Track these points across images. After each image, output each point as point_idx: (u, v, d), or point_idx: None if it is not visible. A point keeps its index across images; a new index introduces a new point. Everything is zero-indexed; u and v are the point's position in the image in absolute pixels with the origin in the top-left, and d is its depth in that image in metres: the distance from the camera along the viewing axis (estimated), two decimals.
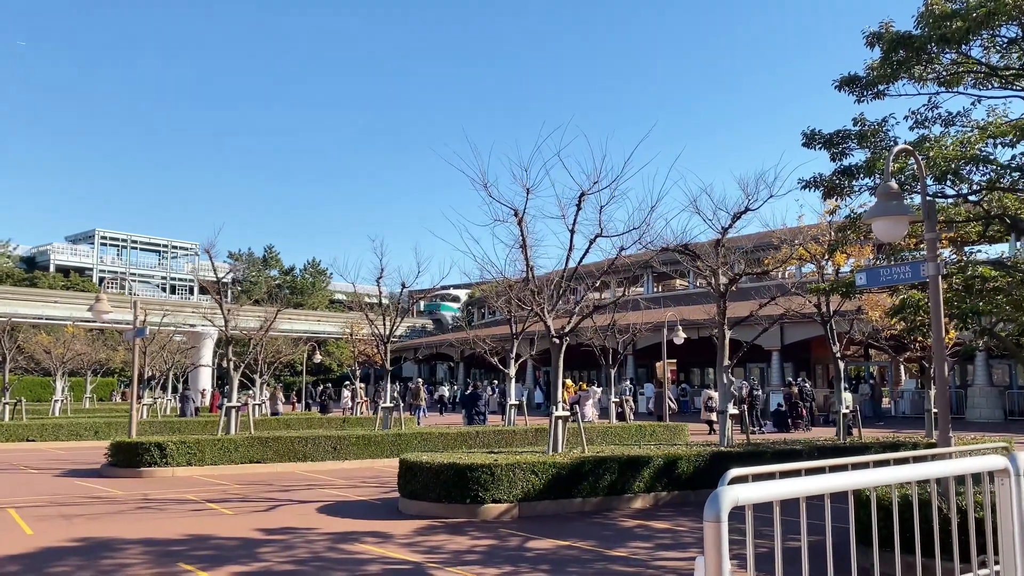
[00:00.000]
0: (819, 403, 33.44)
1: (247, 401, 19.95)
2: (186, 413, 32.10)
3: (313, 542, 9.49)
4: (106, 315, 16.56)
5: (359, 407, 34.47)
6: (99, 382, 45.92)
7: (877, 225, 7.76)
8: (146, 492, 13.77)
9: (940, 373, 8.31)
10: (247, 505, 12.33)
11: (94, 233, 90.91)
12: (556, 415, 13.05)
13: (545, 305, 13.63)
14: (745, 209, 14.35)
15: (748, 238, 22.67)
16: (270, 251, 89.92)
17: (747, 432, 17.33)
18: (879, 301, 15.95)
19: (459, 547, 9.29)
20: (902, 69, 10.02)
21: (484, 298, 56.27)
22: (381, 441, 18.61)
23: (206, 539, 9.64)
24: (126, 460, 16.13)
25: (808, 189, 10.95)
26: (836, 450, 14.51)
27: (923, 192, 8.26)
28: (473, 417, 24.47)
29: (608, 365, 24.87)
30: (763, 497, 3.61)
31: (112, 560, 8.54)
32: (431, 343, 60.42)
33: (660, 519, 11.24)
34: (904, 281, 8.92)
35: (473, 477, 11.23)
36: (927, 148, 9.78)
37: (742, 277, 16.12)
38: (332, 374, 62.84)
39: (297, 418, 30.78)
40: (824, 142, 10.86)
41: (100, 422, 25.58)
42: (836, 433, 17.29)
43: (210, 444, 16.63)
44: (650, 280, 48.20)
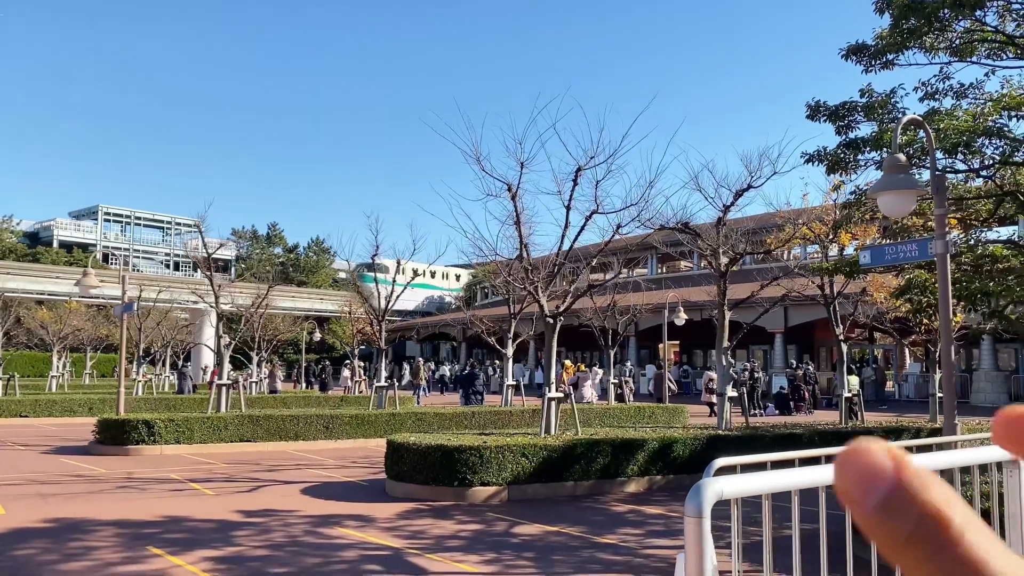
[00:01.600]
0: (822, 386, 33.07)
1: (238, 379, 19.62)
2: (183, 390, 31.88)
3: (291, 525, 9.18)
4: (93, 290, 16.23)
5: (357, 386, 34.22)
6: (100, 358, 45.83)
7: (883, 200, 7.33)
8: (130, 471, 13.48)
9: (947, 356, 7.90)
10: (231, 485, 12.03)
11: (97, 209, 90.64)
12: (549, 396, 12.69)
13: (539, 284, 13.24)
14: (748, 186, 13.91)
15: (751, 218, 22.23)
16: (274, 228, 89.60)
17: (747, 415, 16.97)
18: (884, 282, 15.53)
19: (443, 532, 8.97)
20: (912, 37, 9.53)
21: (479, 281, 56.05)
22: (375, 421, 18.29)
23: (181, 521, 9.33)
24: (113, 438, 15.84)
25: (812, 163, 10.49)
26: (837, 435, 14.13)
27: (932, 166, 7.82)
28: (470, 397, 24.17)
29: (608, 346, 24.52)
30: (750, 491, 3.25)
31: (81, 542, 8.24)
32: (433, 322, 60.15)
33: (653, 504, 10.90)
34: (911, 260, 8.50)
35: (461, 459, 10.90)
36: (937, 120, 9.30)
37: (743, 257, 15.70)
38: (335, 352, 62.67)
39: (295, 396, 30.54)
40: (829, 114, 10.38)
41: (95, 398, 25.33)
42: (839, 417, 16.93)
43: (199, 422, 16.33)
44: (653, 261, 47.72)
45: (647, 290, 32.63)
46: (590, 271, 20.17)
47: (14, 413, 23.43)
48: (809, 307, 28.68)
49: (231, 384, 18.39)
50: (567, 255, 13.53)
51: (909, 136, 9.53)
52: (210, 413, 17.11)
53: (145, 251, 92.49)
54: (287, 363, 59.99)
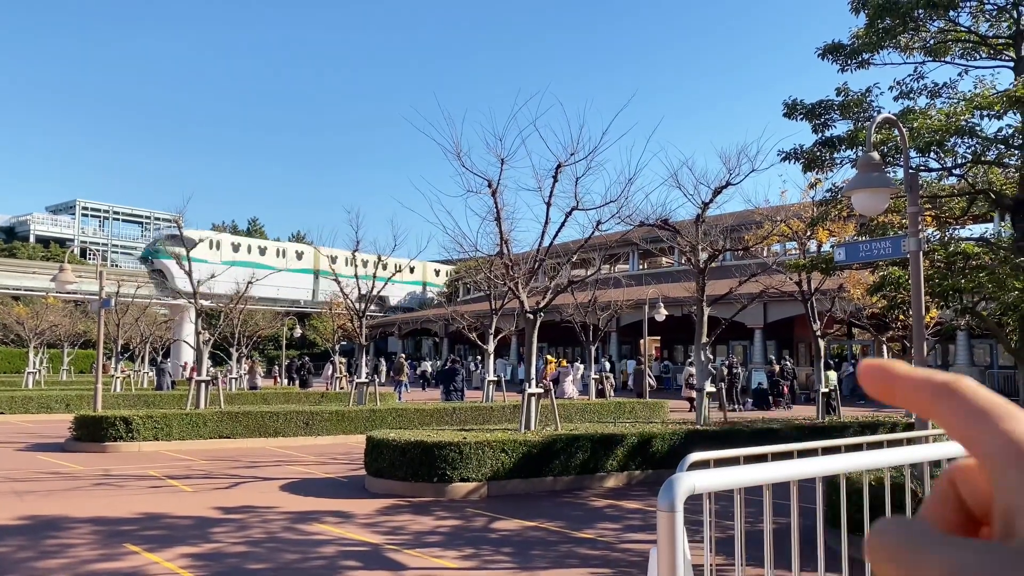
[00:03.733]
0: (801, 381, 33.35)
1: (217, 375, 19.51)
2: (162, 386, 31.65)
3: (270, 521, 9.16)
4: (70, 285, 16.08)
5: (338, 382, 34.12)
6: (78, 354, 45.31)
7: (857, 197, 7.42)
8: (108, 468, 13.39)
9: (919, 352, 8.02)
10: (209, 482, 11.98)
11: (75, 204, 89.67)
12: (528, 392, 12.74)
13: (520, 280, 13.27)
14: (727, 183, 14.00)
15: (731, 215, 22.39)
16: (254, 223, 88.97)
17: (725, 410, 17.10)
18: (861, 279, 15.70)
19: (422, 528, 8.99)
20: (888, 37, 9.64)
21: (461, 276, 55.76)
22: (355, 417, 18.27)
23: (159, 518, 9.29)
24: (90, 434, 15.71)
25: (788, 161, 10.60)
26: (814, 429, 14.28)
27: (906, 164, 7.92)
28: (451, 393, 24.16)
29: (589, 342, 24.60)
30: (722, 485, 3.29)
31: (57, 540, 8.18)
32: (415, 318, 60.03)
33: (632, 498, 10.98)
34: (884, 257, 8.60)
35: (441, 455, 10.92)
36: (912, 119, 9.41)
37: (723, 253, 15.82)
38: (316, 348, 62.39)
39: (275, 392, 30.39)
40: (806, 112, 10.48)
41: (72, 395, 25.07)
42: (816, 412, 17.11)
43: (178, 419, 16.23)
44: (634, 257, 47.88)
45: (628, 286, 32.69)
46: (571, 267, 20.23)
47: None
48: (788, 303, 28.93)
49: (210, 380, 18.28)
50: (548, 251, 13.57)
51: (884, 135, 9.64)
52: (189, 410, 17.01)
53: (124, 246, 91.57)
54: (267, 359, 59.67)
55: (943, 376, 0.42)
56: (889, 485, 4.61)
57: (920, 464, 5.01)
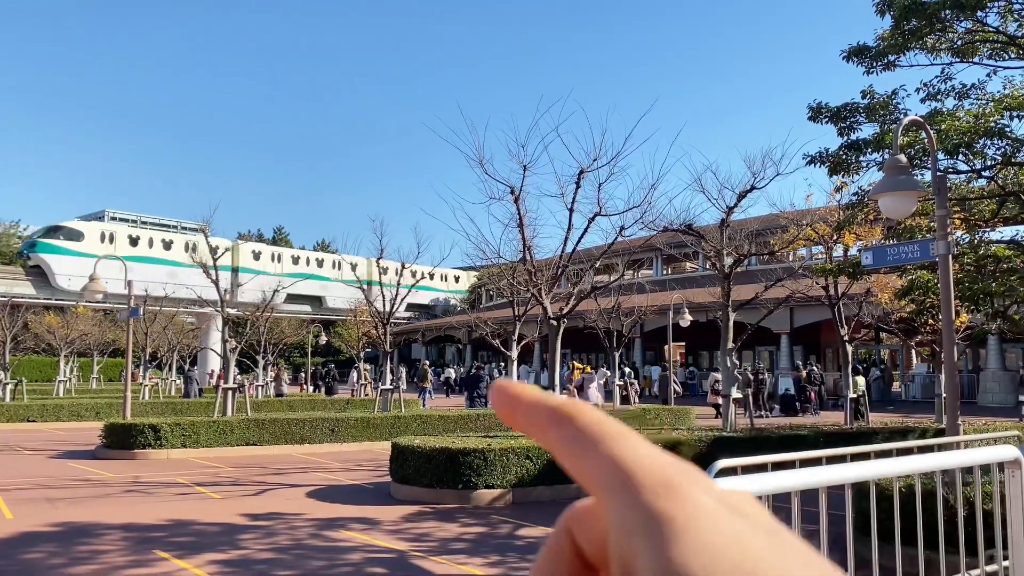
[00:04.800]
0: (828, 387, 32.99)
1: (244, 382, 19.69)
2: (190, 394, 31.98)
3: (297, 528, 9.22)
4: (99, 295, 16.32)
5: (363, 388, 34.27)
6: (107, 363, 45.98)
7: (884, 201, 7.34)
8: (137, 475, 13.54)
9: (949, 357, 7.90)
10: (237, 489, 12.08)
11: (104, 213, 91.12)
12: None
13: (543, 286, 13.27)
14: (751, 188, 13.94)
15: (755, 220, 22.22)
16: (279, 232, 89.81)
17: (751, 416, 16.96)
18: (889, 283, 15.51)
19: (447, 535, 9.00)
20: (914, 39, 9.53)
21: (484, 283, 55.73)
22: (380, 423, 18.34)
23: (188, 524, 9.38)
24: (120, 442, 15.92)
25: (813, 165, 10.49)
26: (842, 436, 14.11)
27: (934, 166, 7.82)
28: (475, 399, 24.19)
29: (613, 348, 24.51)
30: (750, 492, 3.26)
31: (88, 546, 8.29)
32: (438, 325, 60.21)
33: None
34: (912, 260, 8.50)
35: (465, 462, 10.93)
36: (939, 121, 9.30)
37: (748, 258, 15.71)
38: (340, 355, 62.75)
39: (301, 399, 30.60)
40: (831, 116, 10.38)
41: (102, 403, 25.42)
42: (844, 418, 16.91)
43: (206, 426, 16.40)
44: (658, 263, 47.70)
45: (652, 292, 32.61)
46: (594, 273, 20.18)
47: (22, 418, 23.55)
48: (814, 308, 28.66)
49: (237, 388, 18.45)
50: (570, 257, 13.56)
51: (911, 137, 9.53)
52: (216, 417, 17.18)
53: None
54: (293, 366, 60.11)
55: (556, 400, 0.36)
56: (920, 492, 4.55)
57: (952, 470, 4.95)
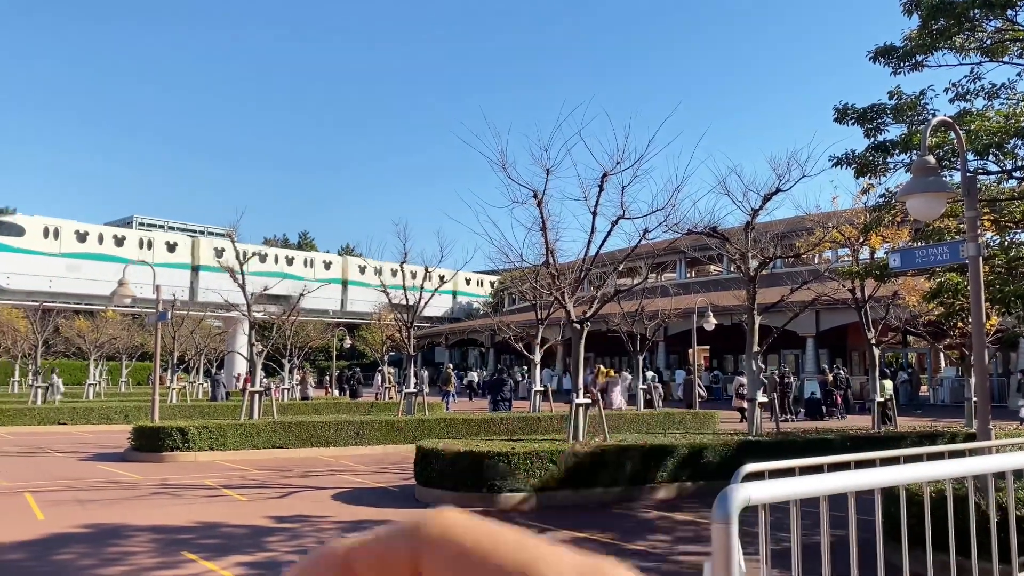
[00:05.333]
0: (855, 391, 32.62)
1: (270, 386, 19.86)
2: (217, 397, 32.30)
3: (323, 531, 9.27)
4: (127, 299, 16.54)
5: (387, 392, 34.41)
6: (135, 366, 46.56)
7: (912, 202, 7.25)
8: (165, 477, 13.70)
9: (980, 360, 7.79)
10: (263, 491, 12.18)
11: (132, 219, 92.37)
12: (576, 402, 12.69)
13: (566, 290, 13.26)
14: (776, 190, 13.83)
15: (781, 222, 22.05)
16: (304, 237, 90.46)
17: (777, 421, 16.81)
18: (916, 286, 15.32)
19: None
20: (942, 38, 9.41)
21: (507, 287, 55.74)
22: (404, 426, 18.41)
23: (215, 527, 9.47)
24: (148, 444, 16.11)
25: (840, 167, 10.39)
26: (870, 440, 13.95)
27: (963, 167, 7.72)
28: (498, 403, 24.21)
29: (636, 351, 24.41)
30: (778, 496, 3.24)
31: (118, 548, 8.40)
32: (461, 328, 60.32)
33: (683, 510, 10.85)
34: (941, 263, 8.39)
35: (489, 465, 10.94)
36: (968, 121, 9.18)
37: (773, 261, 15.58)
38: (365, 359, 63.06)
39: (326, 403, 30.80)
40: (857, 117, 10.28)
41: (130, 406, 25.76)
42: (872, 422, 16.72)
43: (232, 429, 16.55)
44: (682, 266, 47.45)
45: (676, 295, 32.43)
46: (617, 276, 20.13)
47: (53, 421, 23.93)
48: (840, 311, 28.39)
49: (263, 391, 18.61)
50: (594, 260, 13.54)
51: (939, 138, 9.41)
52: (243, 420, 17.33)
53: None
54: (318, 370, 60.46)
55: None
56: (952, 497, 4.49)
57: (984, 476, 4.87)
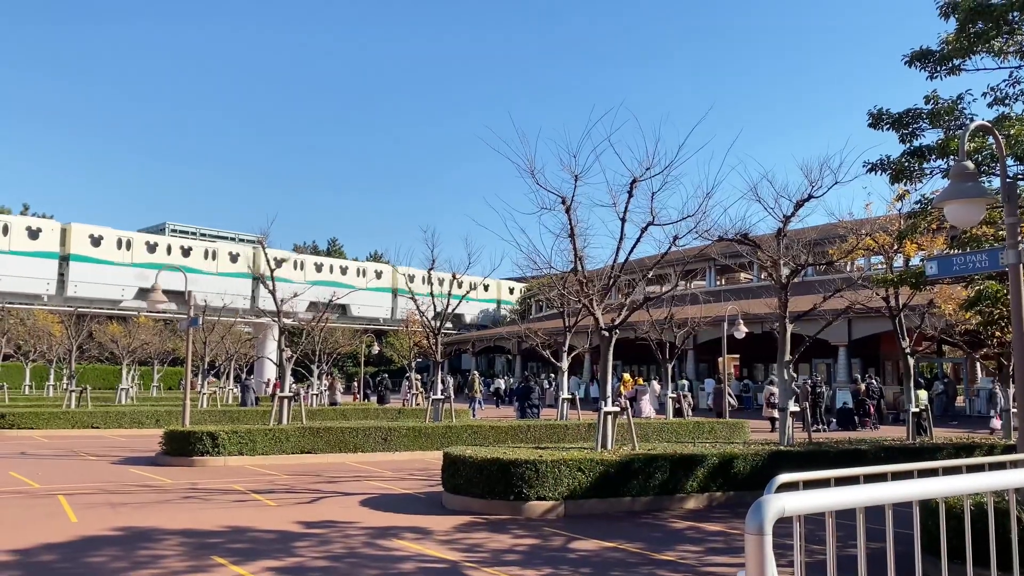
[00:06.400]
0: (888, 401, 32.09)
1: (299, 391, 19.97)
2: (246, 403, 32.61)
3: (351, 537, 9.28)
4: (160, 304, 16.75)
5: (414, 398, 34.51)
6: (167, 371, 47.17)
7: (949, 209, 7.10)
8: (195, 481, 13.82)
9: (1020, 370, 7.60)
10: (292, 496, 12.23)
11: (165, 226, 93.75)
12: (605, 411, 12.60)
13: (594, 297, 13.18)
14: (808, 196, 13.64)
15: (813, 229, 21.79)
16: (334, 244, 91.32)
17: (809, 431, 16.57)
18: (952, 294, 15.03)
19: (499, 546, 8.96)
20: (980, 42, 9.24)
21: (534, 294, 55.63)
22: (431, 433, 18.42)
23: (244, 531, 9.52)
24: (179, 449, 16.27)
25: (874, 172, 10.24)
26: (904, 451, 13.69)
27: (1003, 173, 7.55)
28: (526, 410, 24.14)
29: (666, 359, 24.23)
30: (813, 508, 3.16)
31: (148, 551, 8.46)
32: (488, 335, 60.34)
33: (713, 521, 10.71)
34: (980, 270, 8.21)
35: (517, 473, 10.88)
36: (1008, 126, 8.99)
37: (805, 268, 15.37)
38: (393, 365, 63.36)
39: (354, 408, 30.95)
40: (892, 122, 10.12)
41: (162, 410, 26.09)
42: (906, 433, 16.41)
43: (262, 434, 16.67)
44: (712, 273, 47.06)
45: (705, 302, 32.16)
46: (646, 283, 19.99)
47: (86, 424, 24.28)
48: (874, 319, 27.94)
49: (292, 396, 18.73)
50: (622, 267, 13.45)
51: (977, 143, 9.23)
52: (272, 425, 17.45)
53: None
54: (346, 375, 60.82)
55: None
56: (992, 510, 4.36)
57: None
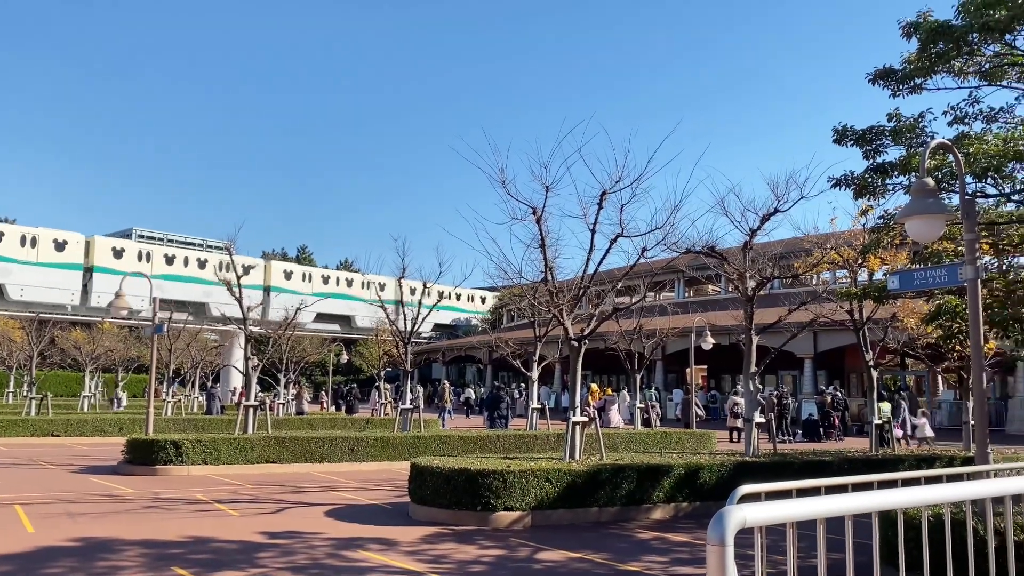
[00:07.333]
0: (853, 413, 32.52)
1: (265, 400, 19.76)
2: (212, 411, 32.14)
3: (315, 547, 9.18)
4: (124, 311, 16.49)
5: (383, 408, 34.27)
6: (131, 379, 46.36)
7: (911, 224, 7.25)
8: (158, 491, 13.60)
9: (978, 384, 7.75)
10: (256, 506, 12.08)
11: (131, 231, 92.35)
12: (573, 420, 12.62)
13: (564, 307, 13.22)
14: (775, 210, 13.82)
15: (779, 243, 22.07)
16: (303, 251, 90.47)
17: (774, 441, 16.74)
18: (915, 308, 15.30)
19: (465, 557, 8.93)
20: (941, 62, 9.46)
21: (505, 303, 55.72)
22: (399, 443, 18.31)
23: (207, 542, 9.38)
24: (142, 458, 16.01)
25: (839, 188, 10.42)
26: (867, 463, 13.89)
27: (962, 190, 7.73)
28: (495, 420, 24.11)
29: (634, 370, 24.34)
30: (774, 519, 3.19)
31: (107, 562, 8.31)
32: (459, 345, 60.21)
33: (679, 531, 10.77)
34: (940, 285, 8.37)
35: (485, 483, 10.85)
36: (967, 144, 9.20)
37: (771, 281, 15.56)
38: (362, 374, 62.88)
39: (321, 418, 30.66)
40: (856, 138, 10.31)
41: (125, 418, 25.64)
42: (869, 444, 16.64)
43: (226, 443, 16.45)
44: (680, 285, 47.45)
45: (674, 314, 32.46)
46: (616, 294, 20.12)
47: (47, 432, 23.79)
48: (839, 332, 28.34)
49: (258, 405, 18.52)
50: (592, 278, 13.51)
51: (938, 160, 9.43)
52: (237, 434, 17.24)
53: None
54: (314, 385, 60.22)
55: None
56: (949, 522, 4.44)
57: (982, 500, 4.82)
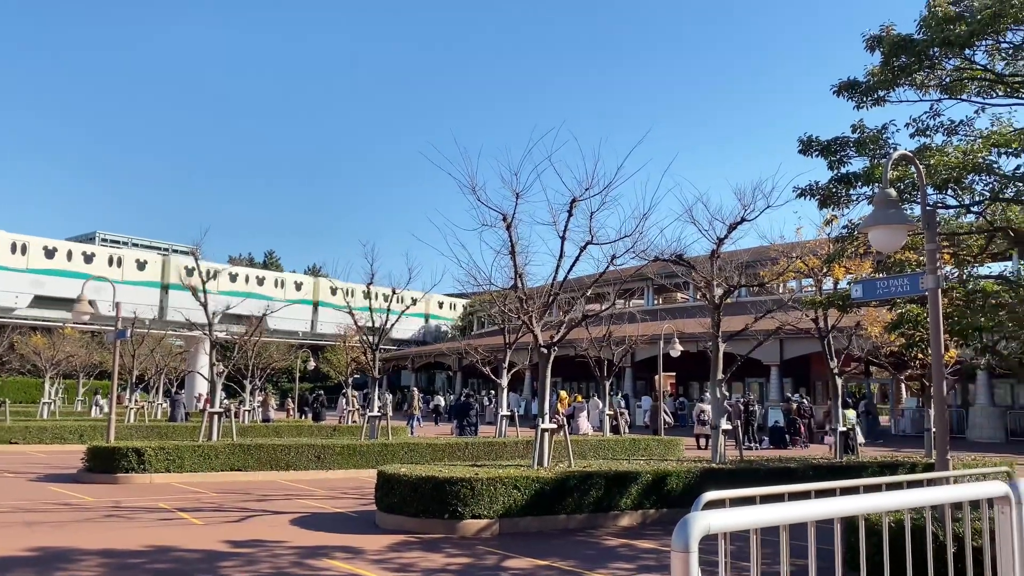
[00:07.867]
0: (818, 420, 32.94)
1: (230, 407, 19.49)
2: (176, 418, 31.65)
3: (279, 556, 9.07)
4: (86, 316, 16.19)
5: (350, 415, 34.00)
6: (93, 384, 45.52)
7: (874, 234, 7.36)
8: (119, 499, 13.34)
9: (938, 391, 7.89)
10: (219, 515, 11.90)
11: (95, 235, 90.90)
12: (542, 427, 12.62)
13: (534, 314, 13.23)
14: (741, 219, 13.98)
15: (746, 251, 22.30)
16: (271, 256, 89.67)
17: (741, 448, 16.88)
18: (879, 316, 15.53)
19: (432, 565, 8.87)
20: (903, 75, 9.64)
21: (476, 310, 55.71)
22: (367, 451, 18.15)
23: (168, 551, 9.21)
24: (103, 466, 15.70)
25: (804, 197, 10.57)
26: (832, 469, 14.04)
27: (923, 201, 7.87)
28: (464, 428, 24.03)
29: (604, 377, 24.42)
30: (738, 525, 3.21)
31: (65, 572, 8.13)
32: (428, 351, 59.96)
33: (646, 538, 10.80)
34: (902, 294, 8.51)
35: (452, 491, 10.80)
36: (928, 156, 9.39)
37: (738, 289, 15.71)
38: (329, 381, 62.35)
39: (288, 425, 30.32)
40: (821, 149, 10.47)
41: (86, 425, 25.14)
42: (833, 451, 16.85)
43: (190, 451, 16.19)
44: (649, 292, 47.76)
45: (643, 321, 32.59)
46: (585, 302, 20.18)
47: (3, 440, 23.21)
48: (804, 340, 28.69)
49: (223, 412, 18.27)
50: (562, 285, 13.54)
51: (900, 171, 9.60)
52: (201, 442, 16.98)
53: None
54: (281, 391, 59.61)
55: None
56: (909, 527, 4.50)
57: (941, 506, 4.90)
